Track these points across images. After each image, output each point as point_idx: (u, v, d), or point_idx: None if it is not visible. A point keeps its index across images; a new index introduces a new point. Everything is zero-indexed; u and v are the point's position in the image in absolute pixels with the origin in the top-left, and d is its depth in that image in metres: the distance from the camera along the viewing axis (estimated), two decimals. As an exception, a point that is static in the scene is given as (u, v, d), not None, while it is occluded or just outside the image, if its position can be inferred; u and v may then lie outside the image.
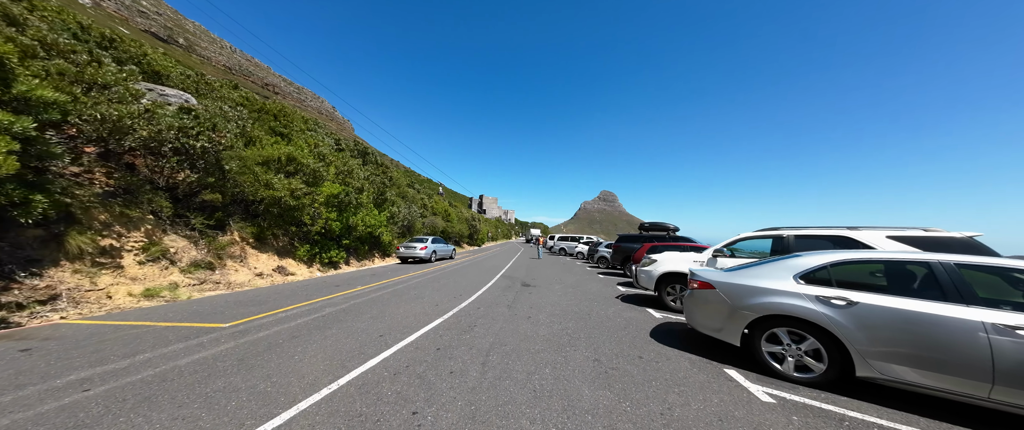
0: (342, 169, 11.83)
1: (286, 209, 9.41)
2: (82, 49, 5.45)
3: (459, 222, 30.96)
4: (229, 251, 8.24)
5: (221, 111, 8.71)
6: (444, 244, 20.29)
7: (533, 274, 12.96)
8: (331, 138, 15.66)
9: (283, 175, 9.46)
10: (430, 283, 9.26)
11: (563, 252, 28.97)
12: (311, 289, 7.66)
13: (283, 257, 10.01)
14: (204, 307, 5.52)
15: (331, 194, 10.97)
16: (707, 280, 4.06)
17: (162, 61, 9.78)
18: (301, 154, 10.16)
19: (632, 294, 8.55)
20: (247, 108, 10.94)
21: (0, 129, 3.77)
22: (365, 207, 13.70)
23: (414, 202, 20.52)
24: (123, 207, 6.13)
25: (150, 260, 6.24)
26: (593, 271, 15.24)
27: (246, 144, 9.13)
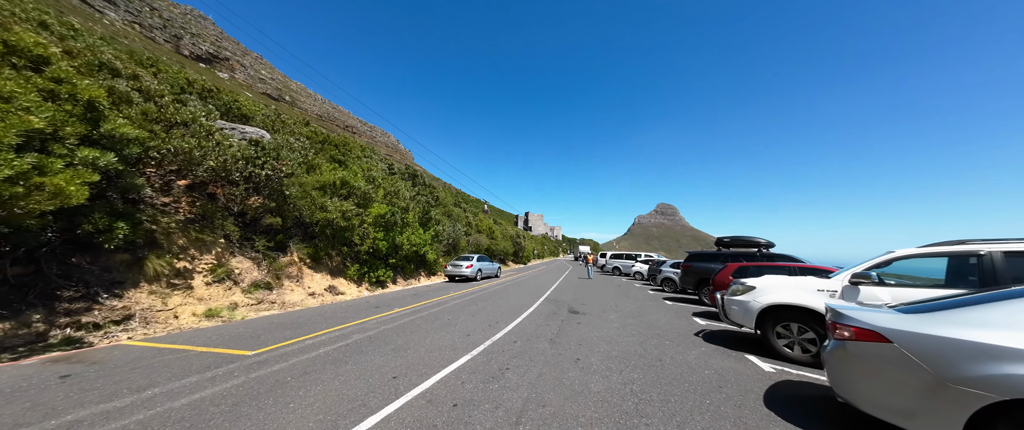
0: (389, 190, 12.27)
1: (337, 230, 9.82)
2: (169, 94, 6.37)
3: (503, 240, 30.55)
4: (287, 271, 8.75)
5: (287, 143, 9.75)
6: (489, 262, 19.84)
7: (583, 297, 11.45)
8: (384, 163, 16.80)
9: (338, 198, 10.02)
10: (467, 306, 8.56)
11: (617, 271, 26.29)
12: (350, 311, 7.55)
13: (335, 276, 10.41)
14: (247, 329, 5.58)
15: (378, 214, 11.31)
16: (873, 327, 2.50)
17: (249, 105, 11.71)
18: (353, 178, 10.74)
19: (719, 330, 6.65)
20: (312, 140, 12.21)
21: (86, 163, 4.25)
22: (411, 226, 13.96)
23: (459, 220, 20.71)
24: (198, 232, 6.84)
25: (216, 281, 6.78)
26: (656, 295, 13.05)
27: (307, 171, 9.96)
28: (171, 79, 9.27)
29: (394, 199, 12.33)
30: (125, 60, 7.34)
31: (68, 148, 4.17)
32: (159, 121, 5.62)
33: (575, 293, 12.58)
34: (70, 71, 4.43)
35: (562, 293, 12.47)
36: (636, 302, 10.75)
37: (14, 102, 3.63)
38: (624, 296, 12.31)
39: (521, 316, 7.54)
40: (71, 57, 5.23)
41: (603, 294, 12.66)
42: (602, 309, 9.04)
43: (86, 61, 5.33)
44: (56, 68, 4.31)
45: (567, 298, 11.13)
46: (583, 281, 18.60)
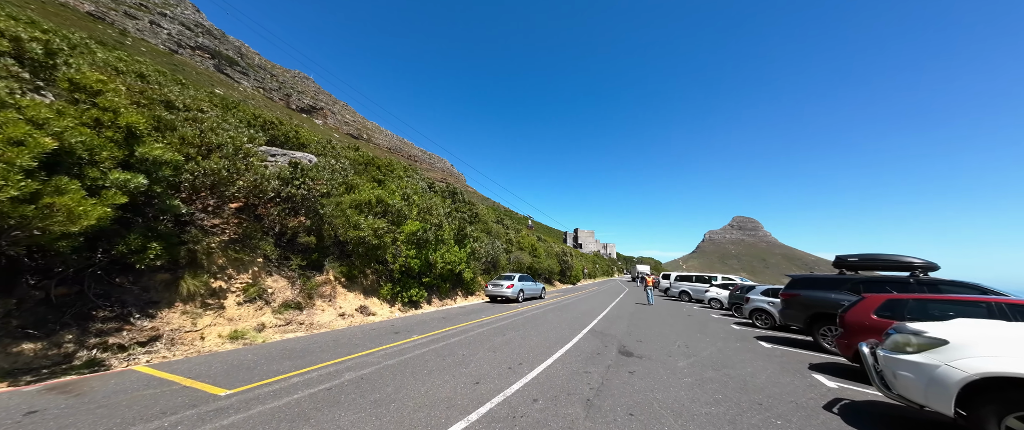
0: (423, 207, 12.08)
1: (370, 248, 9.71)
2: (210, 120, 6.93)
3: (548, 257, 28.73)
4: (321, 291, 8.77)
5: (327, 164, 10.26)
6: (532, 282, 18.39)
7: (640, 330, 9.24)
8: (424, 181, 17.17)
9: (373, 216, 10.05)
10: (492, 336, 7.30)
11: (685, 297, 22.25)
12: (369, 336, 6.93)
13: (369, 296, 10.25)
14: (253, 357, 5.21)
15: (410, 231, 11.05)
16: None
17: (306, 134, 13.11)
18: (388, 196, 10.77)
19: (867, 401, 4.23)
20: (358, 162, 12.89)
21: (117, 185, 4.44)
22: (446, 244, 13.51)
23: (499, 237, 19.94)
24: (237, 252, 7.15)
25: (247, 301, 6.89)
26: (744, 333, 10.08)
27: (347, 191, 10.27)
28: (241, 115, 10.78)
29: (427, 216, 12.06)
30: (197, 98, 8.52)
31: (102, 171, 4.41)
32: (196, 145, 6.05)
33: (630, 324, 10.35)
34: (117, 102, 4.84)
35: (613, 323, 10.37)
36: (716, 342, 8.21)
37: (47, 127, 3.89)
38: (697, 331, 9.69)
39: (554, 355, 5.99)
40: (134, 93, 5.96)
41: (667, 327, 10.18)
42: (666, 351, 6.91)
43: (148, 97, 6.05)
44: (104, 99, 4.73)
45: (618, 331, 9.07)
46: (641, 307, 15.83)
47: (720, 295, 17.61)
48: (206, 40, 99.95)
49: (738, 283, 17.15)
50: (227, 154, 6.16)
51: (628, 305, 16.78)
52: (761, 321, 11.79)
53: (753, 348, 7.77)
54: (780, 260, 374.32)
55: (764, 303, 11.78)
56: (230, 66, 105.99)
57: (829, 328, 7.89)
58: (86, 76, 4.92)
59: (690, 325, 10.94)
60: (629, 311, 14.12)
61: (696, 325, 11.06)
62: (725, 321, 12.64)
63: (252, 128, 10.03)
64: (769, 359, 6.65)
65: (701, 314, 14.55)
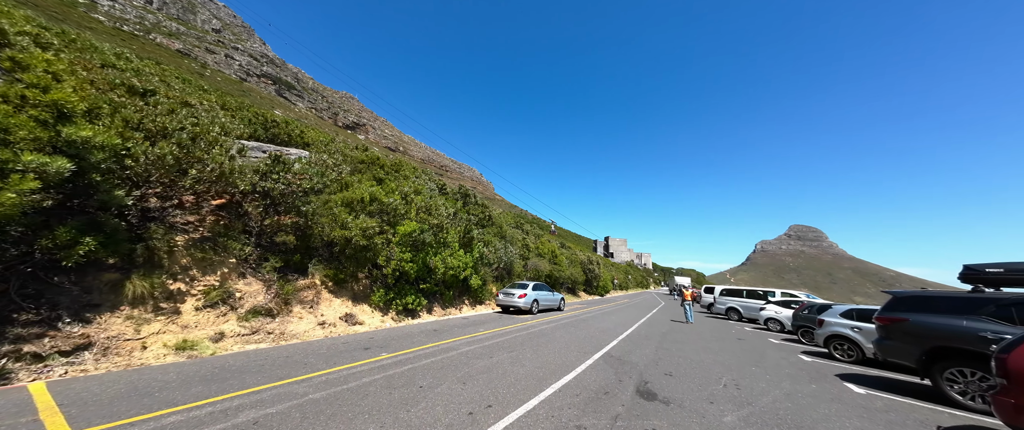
0: (423, 206, 11.13)
1: (358, 249, 8.88)
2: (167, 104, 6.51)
3: (571, 266, 26.51)
4: (302, 296, 8.05)
5: (320, 160, 9.78)
6: (549, 292, 16.62)
7: (670, 358, 7.20)
8: (434, 182, 16.47)
9: (366, 215, 9.29)
10: (475, 359, 5.83)
11: (733, 315, 18.94)
12: (331, 353, 5.78)
13: (358, 303, 9.39)
14: (181, 376, 4.27)
15: (405, 232, 10.09)
16: None
17: (313, 134, 13.06)
18: (382, 193, 9.99)
19: None
20: (360, 161, 12.44)
21: (32, 168, 3.88)
22: (449, 247, 12.42)
23: (514, 242, 18.50)
24: (204, 251, 6.62)
25: (208, 306, 6.26)
26: (817, 367, 7.62)
27: (342, 188, 9.67)
28: (244, 115, 10.84)
29: (426, 216, 11.07)
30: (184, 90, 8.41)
31: (14, 152, 3.90)
32: (146, 130, 5.59)
33: (660, 348, 8.28)
34: (47, 77, 4.39)
35: (637, 346, 8.36)
36: (780, 381, 6.00)
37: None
38: (752, 363, 7.40)
39: (542, 394, 4.40)
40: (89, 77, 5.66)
41: (710, 354, 7.96)
42: (706, 393, 4.96)
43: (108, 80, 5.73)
44: (31, 74, 4.29)
45: (643, 357, 7.12)
46: (677, 326, 13.33)
47: (780, 315, 14.40)
48: (269, 68, 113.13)
49: (805, 301, 13.86)
50: (181, 141, 5.63)
51: (661, 322, 14.32)
52: (842, 352, 8.98)
53: (839, 394, 5.47)
54: (850, 275, 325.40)
55: (846, 329, 8.98)
56: (288, 90, 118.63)
57: (961, 371, 5.34)
58: (31, 55, 4.60)
59: (741, 353, 8.55)
60: (661, 330, 11.82)
61: (749, 353, 8.63)
62: (789, 349, 9.91)
63: (252, 126, 9.83)
64: (870, 416, 4.43)
65: (755, 338, 11.77)
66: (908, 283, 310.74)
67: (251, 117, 10.58)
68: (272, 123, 11.56)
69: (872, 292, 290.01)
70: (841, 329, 9.07)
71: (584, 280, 29.47)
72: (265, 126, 11.06)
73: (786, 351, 9.62)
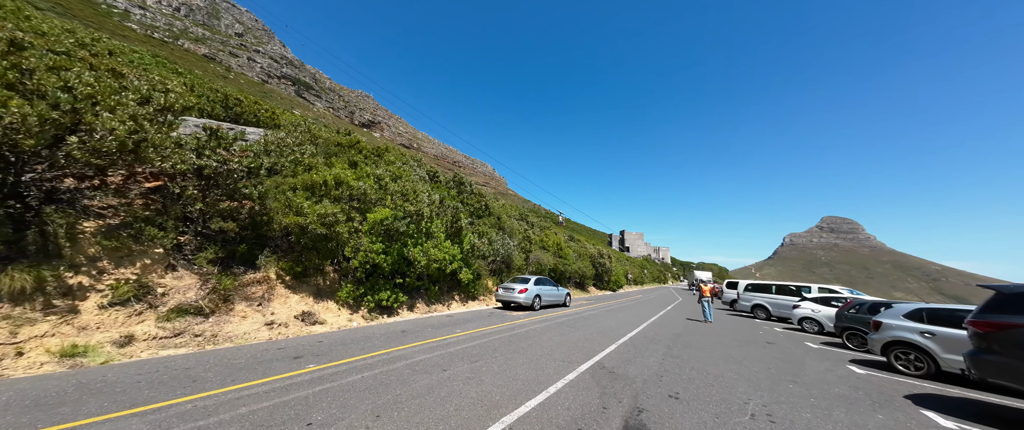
0: (399, 191, 9.87)
1: (316, 239, 7.78)
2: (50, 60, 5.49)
3: (579, 259, 24.74)
4: (248, 292, 7.05)
5: (278, 139, 8.70)
6: (553, 287, 15.17)
7: (680, 370, 5.54)
8: (423, 169, 15.24)
9: (330, 201, 8.18)
10: (424, 373, 4.36)
11: (760, 313, 16.72)
12: (253, 363, 4.52)
13: (322, 299, 8.34)
14: (39, 393, 3.27)
15: (377, 220, 8.88)
16: None
17: (289, 118, 12.07)
18: (350, 176, 8.81)
19: None
20: (334, 143, 11.30)
21: None
22: (435, 237, 11.16)
23: (513, 234, 17.08)
24: (119, 240, 5.66)
25: (117, 303, 5.30)
26: (878, 381, 5.77)
27: (306, 171, 8.60)
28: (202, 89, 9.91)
29: (403, 202, 9.81)
30: None
31: None
32: (19, 89, 4.57)
33: (667, 356, 6.63)
34: None
35: (640, 352, 6.73)
36: (830, 408, 4.28)
37: None
38: (788, 378, 5.65)
39: (516, 412, 3.01)
40: None
41: (731, 365, 6.22)
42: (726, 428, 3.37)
43: None
44: None
45: (643, 369, 5.52)
46: (694, 326, 11.50)
47: (818, 314, 12.20)
48: (288, 70, 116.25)
49: (851, 297, 11.56)
50: (58, 101, 4.59)
51: (674, 321, 12.51)
52: (907, 363, 6.99)
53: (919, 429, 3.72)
54: (889, 269, 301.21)
55: (914, 334, 6.96)
56: (307, 91, 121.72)
57: None
58: None
59: (773, 363, 6.76)
60: (673, 331, 10.09)
61: (784, 363, 6.82)
62: (832, 357, 7.97)
63: (211, 103, 8.85)
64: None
65: (788, 342, 9.80)
66: (956, 278, 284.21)
67: (207, 93, 9.67)
68: (235, 102, 10.63)
69: (914, 287, 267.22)
70: (906, 334, 7.05)
71: (594, 274, 27.65)
72: (226, 105, 10.13)
73: (830, 359, 7.69)
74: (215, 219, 6.52)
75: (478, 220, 16.45)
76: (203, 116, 9.05)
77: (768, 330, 12.31)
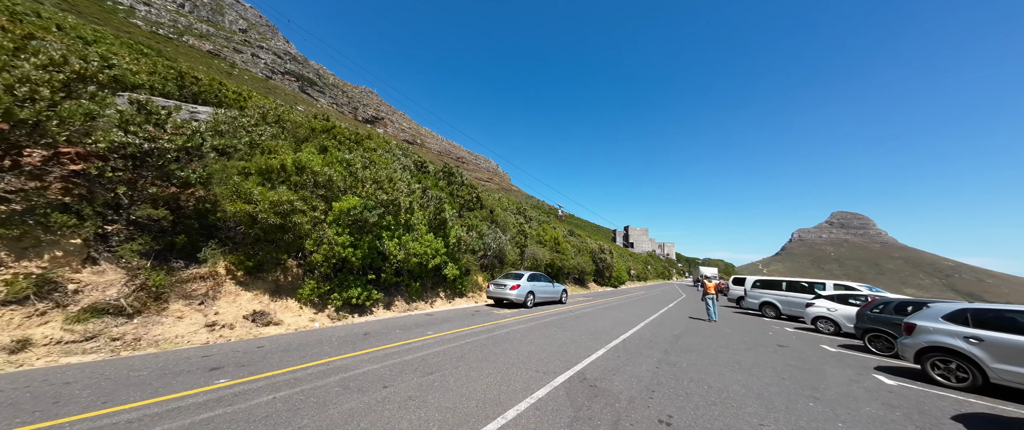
0: (371, 178, 8.90)
1: (269, 230, 6.90)
2: None
3: (579, 254, 23.67)
4: (188, 288, 6.22)
5: (230, 118, 7.75)
6: (548, 283, 14.23)
7: (676, 383, 4.46)
8: (409, 158, 14.27)
9: (288, 187, 7.29)
10: (357, 392, 3.28)
11: (769, 311, 15.56)
12: (155, 377, 3.60)
13: (281, 297, 7.49)
14: None
15: (344, 209, 7.96)
16: None
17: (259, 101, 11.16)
18: (315, 161, 7.88)
19: None
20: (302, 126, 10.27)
21: None
22: (416, 230, 10.24)
23: (507, 228, 16.07)
24: (21, 228, 4.83)
25: (12, 302, 4.48)
26: (916, 396, 4.65)
27: (263, 154, 7.71)
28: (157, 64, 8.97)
29: (373, 190, 8.84)
30: None
31: None
32: None
33: (662, 363, 5.59)
34: None
35: (631, 359, 5.66)
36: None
37: None
38: (807, 392, 4.57)
39: None
40: None
41: (738, 376, 5.16)
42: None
43: None
44: None
45: (631, 382, 4.49)
46: (697, 325, 10.45)
47: (834, 313, 11.02)
48: (292, 66, 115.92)
49: (874, 296, 10.32)
50: None
51: (676, 320, 11.46)
52: (947, 374, 5.90)
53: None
54: (901, 265, 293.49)
55: (957, 339, 5.86)
56: (310, 86, 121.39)
57: None
58: None
59: (786, 371, 5.70)
60: (673, 332, 9.06)
61: (800, 371, 5.76)
62: (854, 362, 6.86)
63: (163, 80, 7.96)
64: None
65: (802, 344, 8.70)
66: (969, 274, 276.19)
67: (157, 68, 8.75)
68: (193, 80, 9.69)
69: (926, 283, 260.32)
70: (947, 339, 5.93)
71: (594, 270, 26.57)
72: (180, 83, 9.17)
73: (852, 366, 6.60)
74: (142, 205, 5.66)
75: (469, 213, 15.50)
76: (155, 95, 8.19)
77: (779, 330, 11.19)
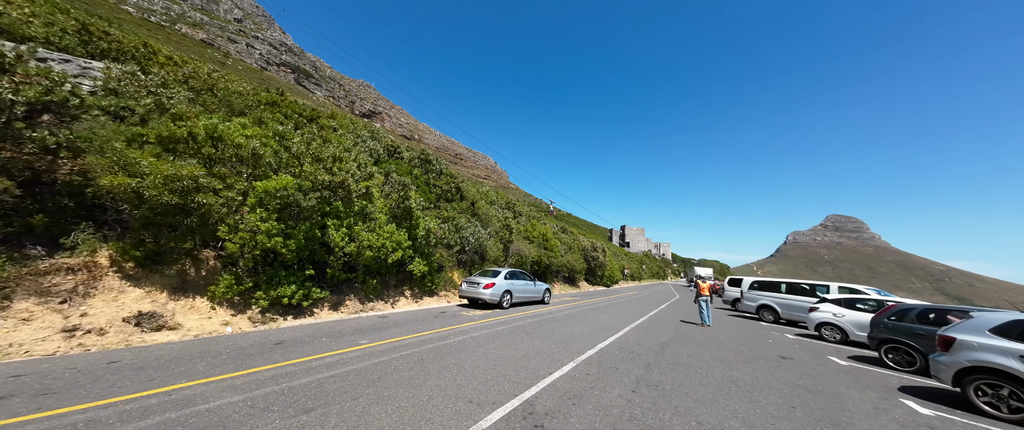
0: (314, 155, 7.38)
1: (164, 211, 5.50)
2: None
3: (568, 252, 22.34)
4: (47, 283, 4.84)
5: (126, 74, 6.25)
6: (528, 281, 12.88)
7: (654, 416, 3.22)
8: (377, 142, 12.79)
9: (198, 161, 5.88)
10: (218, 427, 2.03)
11: (768, 315, 14.28)
12: None
13: (188, 294, 6.09)
14: None
15: (270, 190, 6.54)
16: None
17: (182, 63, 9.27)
18: (235, 131, 6.42)
19: None
20: (234, 93, 8.64)
21: None
22: (374, 219, 8.84)
23: (490, 221, 14.67)
24: None
25: None
26: (943, 422, 3.24)
27: (174, 120, 6.28)
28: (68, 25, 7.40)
29: (313, 170, 7.38)
30: None
31: None
32: None
33: (641, 382, 4.20)
34: None
35: (605, 376, 4.19)
36: None
37: None
38: (825, 428, 3.21)
39: None
40: None
41: (735, 403, 3.77)
42: None
43: None
44: None
45: (595, 416, 3.19)
46: (689, 330, 9.12)
47: (841, 319, 9.72)
48: (288, 57, 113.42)
49: (892, 302, 9.02)
50: None
51: (665, 324, 10.15)
52: (995, 399, 4.60)
53: None
54: (893, 269, 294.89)
55: (1012, 359, 4.57)
56: (306, 79, 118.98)
57: None
58: None
59: (795, 394, 4.35)
60: (660, 339, 7.73)
61: (810, 395, 4.41)
62: (873, 382, 5.52)
63: (65, 33, 6.50)
64: None
65: (806, 355, 7.39)
66: (959, 278, 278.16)
67: (55, 17, 7.17)
68: (102, 34, 8.08)
69: (917, 287, 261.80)
70: (999, 359, 4.65)
71: (585, 269, 25.26)
72: (84, 38, 7.54)
73: (873, 387, 5.30)
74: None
75: (446, 204, 14.10)
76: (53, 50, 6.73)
77: (779, 338, 9.93)
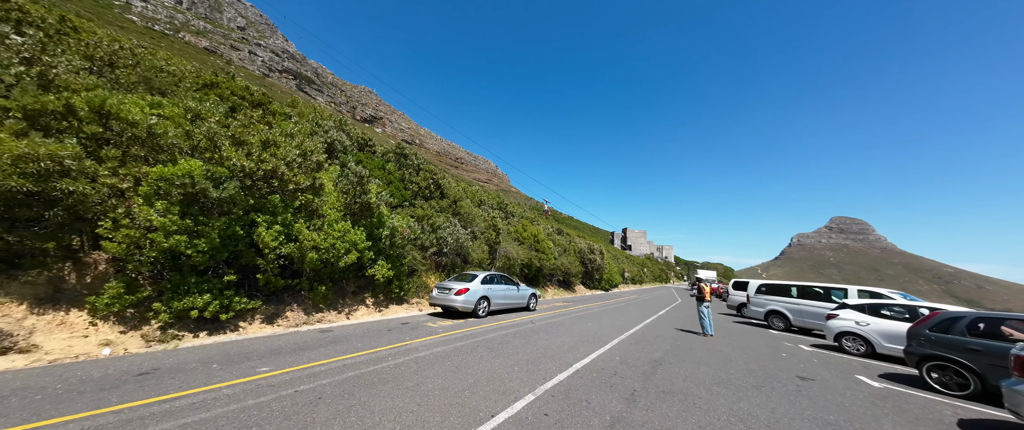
0: (234, 139, 6.10)
1: (13, 202, 4.28)
2: None
3: (563, 254, 20.89)
4: None
5: None
6: (511, 286, 11.48)
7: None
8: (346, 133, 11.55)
9: (76, 138, 4.67)
10: None
11: (778, 322, 12.69)
12: None
13: (58, 307, 4.82)
14: None
15: (167, 175, 5.28)
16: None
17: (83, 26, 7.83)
18: (132, 105, 5.19)
19: None
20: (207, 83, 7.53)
21: None
22: (323, 217, 7.57)
23: (473, 220, 13.31)
24: None
25: None
26: None
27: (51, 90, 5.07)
28: None
29: (235, 155, 6.08)
30: None
31: None
32: None
33: (614, 425, 2.85)
34: None
35: (574, 411, 2.89)
36: None
37: None
38: None
39: None
40: None
41: None
42: None
43: None
44: None
45: None
46: (687, 342, 7.61)
47: (866, 328, 8.13)
48: (290, 64, 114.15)
49: (937, 310, 7.40)
50: None
51: (662, 334, 8.67)
52: None
53: None
54: (900, 271, 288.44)
55: None
56: (308, 85, 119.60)
57: None
58: None
59: None
60: (653, 356, 6.26)
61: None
62: (922, 413, 3.97)
63: None
64: None
65: (830, 374, 5.83)
66: (969, 280, 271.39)
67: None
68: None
69: (925, 290, 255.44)
70: None
71: (582, 272, 23.78)
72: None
73: (923, 421, 3.82)
74: None
75: (425, 202, 12.81)
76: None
77: (793, 350, 8.41)
